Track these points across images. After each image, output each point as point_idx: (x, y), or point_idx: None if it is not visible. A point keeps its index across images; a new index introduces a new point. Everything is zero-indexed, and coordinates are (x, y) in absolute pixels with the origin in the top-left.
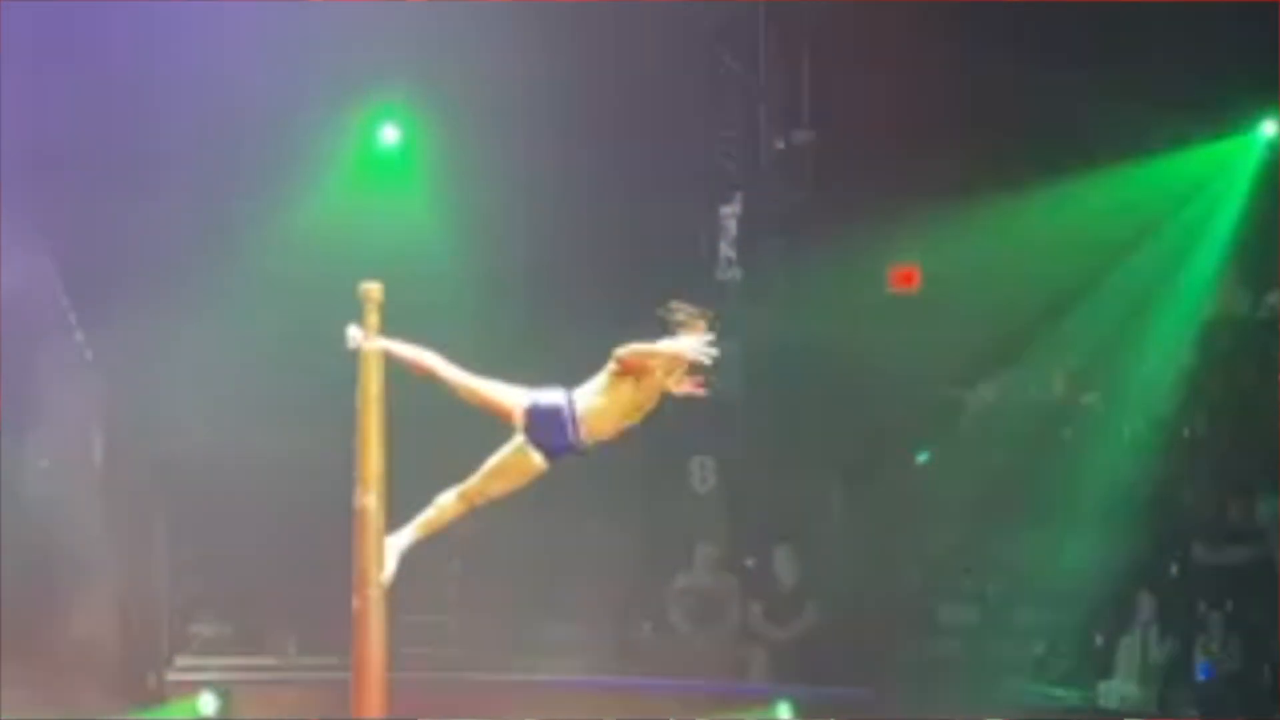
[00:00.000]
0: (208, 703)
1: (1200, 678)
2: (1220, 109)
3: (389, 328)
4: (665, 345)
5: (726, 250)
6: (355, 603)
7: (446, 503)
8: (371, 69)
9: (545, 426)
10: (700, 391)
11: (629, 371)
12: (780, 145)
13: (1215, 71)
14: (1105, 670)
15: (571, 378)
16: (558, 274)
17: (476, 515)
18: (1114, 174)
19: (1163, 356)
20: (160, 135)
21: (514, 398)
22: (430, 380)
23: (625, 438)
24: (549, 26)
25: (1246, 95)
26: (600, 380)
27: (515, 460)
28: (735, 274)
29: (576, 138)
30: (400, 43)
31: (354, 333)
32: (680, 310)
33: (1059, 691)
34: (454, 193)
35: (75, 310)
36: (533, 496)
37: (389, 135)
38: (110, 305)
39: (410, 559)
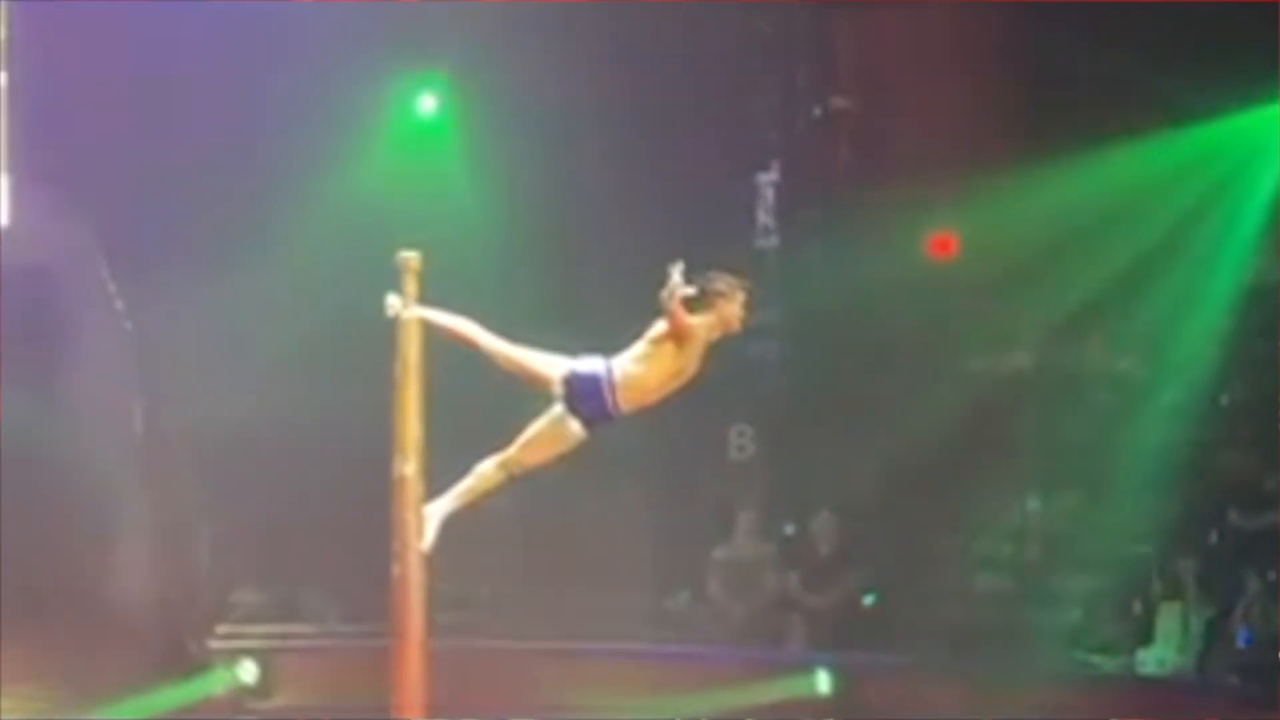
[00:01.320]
0: (248, 670)
1: (1240, 644)
2: (1260, 77)
3: (427, 295)
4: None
5: (764, 218)
6: (394, 570)
7: (485, 471)
8: (409, 37)
9: (583, 395)
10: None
11: (672, 333)
12: (818, 113)
13: (1254, 40)
14: (1144, 637)
15: (609, 345)
16: (595, 242)
17: (514, 484)
18: (1152, 142)
19: (1201, 322)
20: (199, 105)
21: (552, 366)
22: (468, 349)
23: (663, 406)
24: None
25: None
26: (640, 348)
27: (554, 429)
28: (773, 242)
29: (613, 106)
30: (438, 11)
31: (393, 301)
32: (719, 279)
33: (1098, 659)
34: (492, 161)
35: (114, 279)
36: (571, 465)
37: (427, 104)
38: (149, 274)
39: (447, 527)
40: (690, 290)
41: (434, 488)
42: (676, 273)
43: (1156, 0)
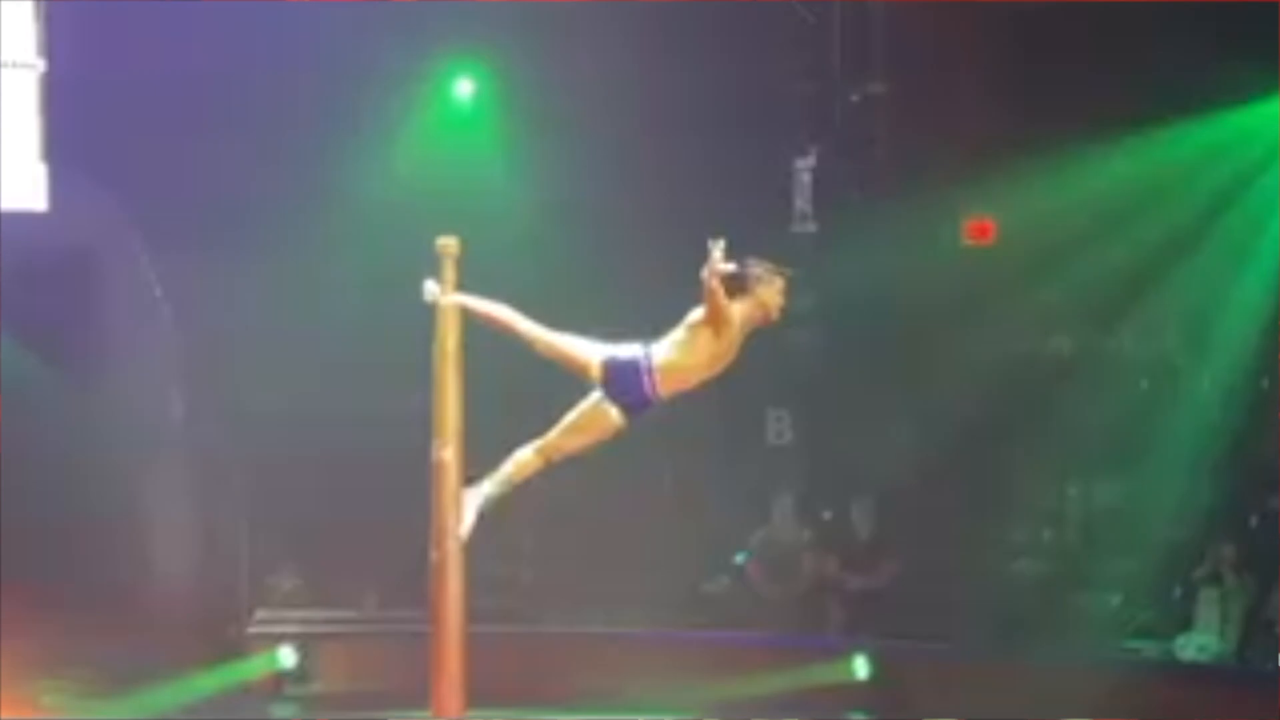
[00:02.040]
0: (287, 655)
1: None
2: None
3: (464, 279)
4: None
5: (801, 204)
6: (433, 555)
7: (524, 458)
8: (447, 22)
9: (622, 381)
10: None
11: (710, 318)
12: (855, 98)
13: None
14: (1184, 623)
15: (647, 331)
16: (631, 228)
17: (553, 469)
18: (1190, 125)
19: (1241, 307)
20: (238, 89)
21: (590, 352)
22: (507, 335)
23: (701, 391)
24: None
25: None
26: (677, 334)
27: (593, 416)
28: (810, 227)
29: (649, 91)
30: None
31: (431, 286)
32: (759, 265)
33: (1137, 644)
34: (529, 146)
35: (153, 264)
36: (609, 449)
37: (464, 89)
38: (188, 259)
39: (487, 512)
40: (730, 267)
41: (473, 473)
42: (717, 249)
43: None
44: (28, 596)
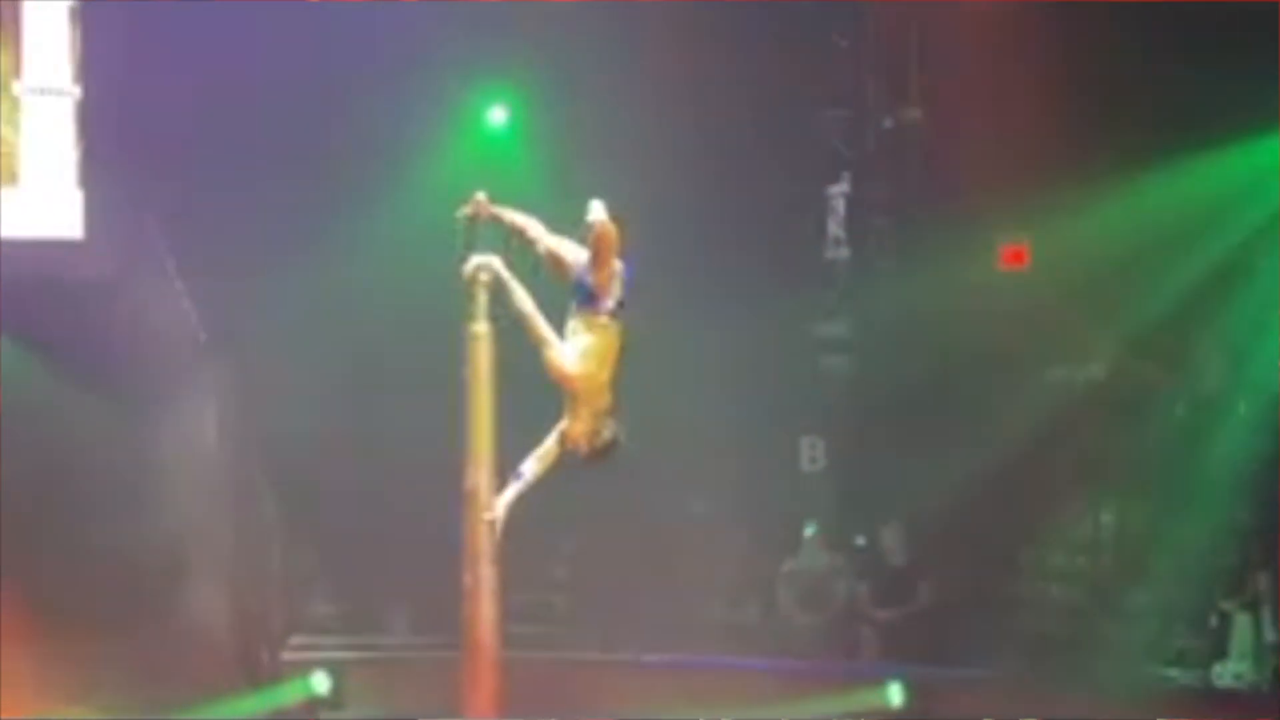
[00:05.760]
0: (321, 681)
1: None
2: None
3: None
4: None
5: (835, 229)
6: (466, 580)
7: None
8: (481, 50)
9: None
10: None
11: None
12: (889, 124)
13: None
14: (1220, 650)
15: (678, 355)
16: (664, 253)
17: (587, 497)
18: (1227, 152)
19: (1276, 333)
20: (274, 116)
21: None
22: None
23: (735, 417)
24: (657, 6)
25: None
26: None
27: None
28: (844, 253)
29: (684, 117)
30: (509, 24)
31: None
32: None
33: (1173, 671)
34: (562, 173)
35: (188, 289)
36: (642, 476)
37: (497, 116)
38: (223, 284)
39: (519, 541)
40: None
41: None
42: None
43: (1235, 5)
44: (62, 621)
